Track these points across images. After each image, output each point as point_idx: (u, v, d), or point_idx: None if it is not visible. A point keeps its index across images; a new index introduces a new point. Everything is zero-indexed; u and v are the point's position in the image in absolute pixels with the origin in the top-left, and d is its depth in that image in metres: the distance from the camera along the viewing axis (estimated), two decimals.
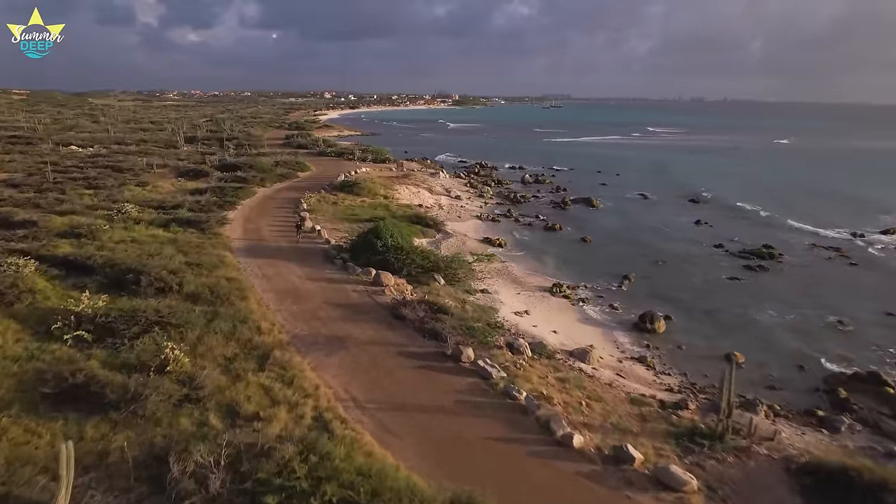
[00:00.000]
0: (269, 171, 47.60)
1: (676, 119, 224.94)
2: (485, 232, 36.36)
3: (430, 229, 33.47)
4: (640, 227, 40.46)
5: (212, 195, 37.92)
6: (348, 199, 38.92)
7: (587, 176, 64.74)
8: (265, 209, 35.62)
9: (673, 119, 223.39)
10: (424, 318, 18.15)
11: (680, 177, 64.59)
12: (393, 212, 36.40)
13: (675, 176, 65.51)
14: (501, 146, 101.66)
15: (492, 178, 60.61)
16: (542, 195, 51.68)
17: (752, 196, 51.41)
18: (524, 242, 34.71)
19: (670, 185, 59.09)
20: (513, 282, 26.60)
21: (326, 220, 33.36)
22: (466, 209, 42.60)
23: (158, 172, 48.81)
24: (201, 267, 22.75)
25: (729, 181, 61.67)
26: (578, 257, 31.86)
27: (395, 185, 44.53)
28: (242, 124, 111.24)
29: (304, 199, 37.81)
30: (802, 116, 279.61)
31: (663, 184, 59.73)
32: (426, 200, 42.56)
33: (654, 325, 21.60)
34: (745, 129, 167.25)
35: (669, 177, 65.00)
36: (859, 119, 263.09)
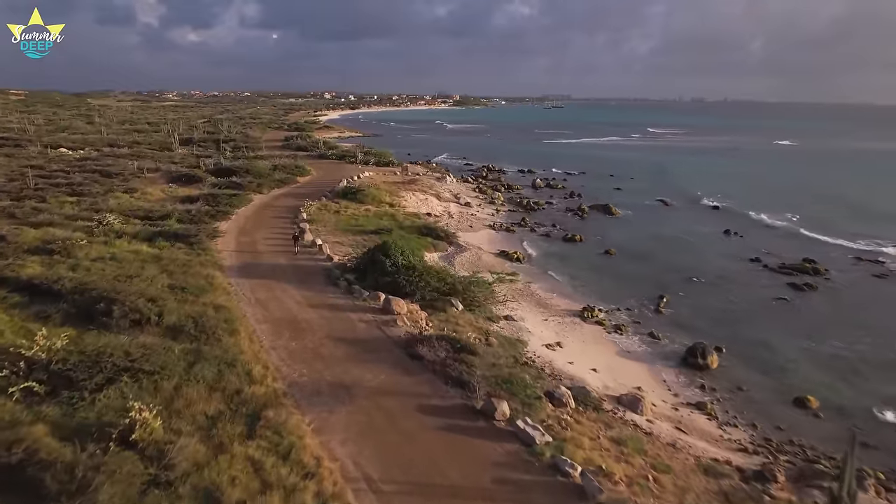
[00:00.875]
0: (267, 176, 44.77)
1: (678, 120, 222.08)
2: (500, 243, 33.54)
3: (441, 242, 30.64)
4: (665, 237, 37.63)
5: (204, 203, 35.09)
6: (351, 208, 36.09)
7: (600, 180, 61.94)
8: (261, 219, 32.79)
9: (674, 120, 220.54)
10: (447, 360, 15.32)
11: (693, 181, 61.84)
12: (400, 222, 33.57)
13: (688, 179, 62.77)
14: (506, 148, 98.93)
15: (501, 182, 57.81)
16: (555, 201, 48.86)
17: (772, 203, 48.57)
18: (544, 256, 31.87)
19: (686, 189, 56.30)
20: (538, 305, 23.78)
21: (328, 232, 30.53)
22: (478, 217, 39.77)
23: (149, 177, 46.01)
24: (186, 291, 19.96)
25: (744, 186, 58.96)
26: (605, 273, 29.04)
27: (401, 191, 41.69)
28: (241, 125, 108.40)
29: (304, 208, 35.00)
30: (804, 117, 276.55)
31: (679, 188, 56.96)
32: (435, 208, 39.71)
33: (707, 361, 18.77)
34: (748, 129, 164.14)
35: (682, 180, 62.21)
36: (861, 119, 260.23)
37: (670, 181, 61.55)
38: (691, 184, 59.28)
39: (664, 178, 63.61)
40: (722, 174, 68.48)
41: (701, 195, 52.71)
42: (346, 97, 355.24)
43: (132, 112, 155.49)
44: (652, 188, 56.48)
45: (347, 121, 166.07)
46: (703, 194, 52.90)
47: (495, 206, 44.77)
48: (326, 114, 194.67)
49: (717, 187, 56.57)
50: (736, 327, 22.42)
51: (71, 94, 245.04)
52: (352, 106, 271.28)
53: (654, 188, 56.41)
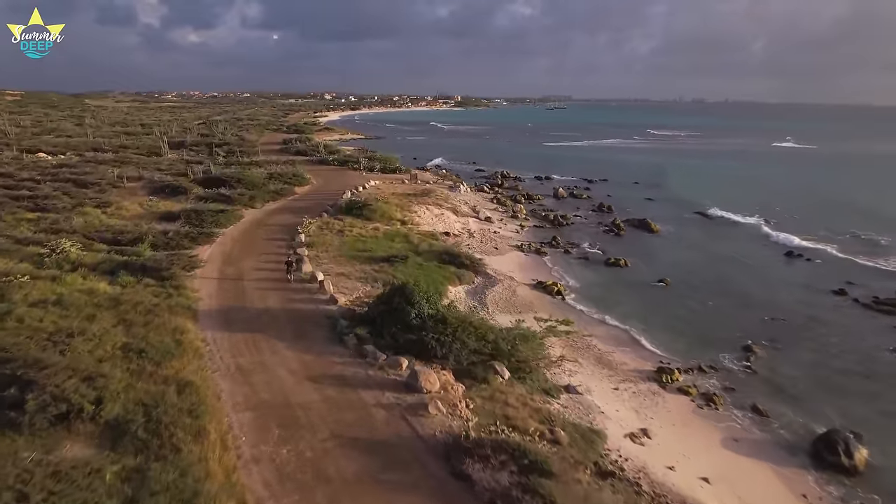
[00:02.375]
0: (261, 187, 39.73)
1: (683, 121, 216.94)
2: (533, 270, 28.51)
3: (466, 271, 25.60)
4: (720, 260, 32.62)
5: (185, 222, 30.03)
6: (357, 226, 31.01)
7: (625, 188, 56.94)
8: (251, 242, 27.74)
9: (680, 121, 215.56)
10: (511, 491, 10.29)
11: (724, 189, 57.04)
12: (415, 245, 28.51)
13: (718, 188, 57.93)
14: (515, 151, 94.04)
15: (519, 191, 52.79)
16: (584, 214, 43.83)
17: (819, 220, 43.50)
18: (587, 287, 26.82)
19: (720, 199, 51.06)
20: (598, 362, 18.73)
21: (330, 259, 25.49)
22: (502, 236, 34.72)
23: (129, 188, 40.97)
24: (144, 356, 14.99)
25: (779, 196, 53.73)
26: (666, 312, 23.99)
27: (414, 205, 36.61)
28: (237, 127, 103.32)
29: (302, 227, 29.94)
30: (809, 118, 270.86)
31: (711, 197, 51.75)
32: (453, 226, 34.66)
33: (853, 460, 13.74)
34: (754, 131, 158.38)
35: (712, 189, 57.18)
36: (863, 120, 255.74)
37: (700, 189, 56.43)
38: (723, 193, 54.24)
39: (692, 186, 58.54)
40: (749, 181, 63.49)
41: (738, 206, 47.55)
42: (347, 98, 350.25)
43: (127, 113, 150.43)
44: (683, 197, 51.49)
45: (348, 122, 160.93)
46: (741, 206, 47.76)
47: (518, 220, 39.72)
48: (326, 115, 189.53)
49: (751, 197, 51.75)
50: (861, 396, 17.39)
51: (69, 95, 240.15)
52: (352, 107, 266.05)
53: (686, 197, 51.41)
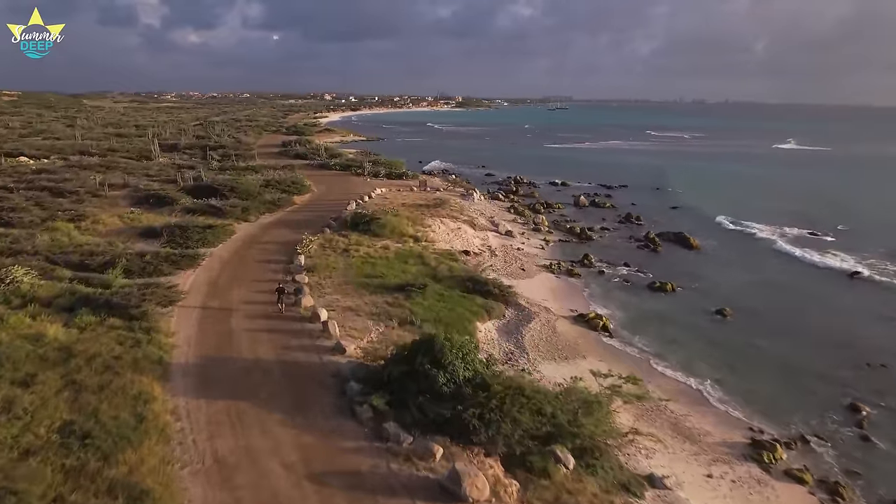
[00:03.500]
0: (256, 197, 35.86)
1: (686, 122, 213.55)
2: (568, 297, 24.67)
3: (495, 302, 21.77)
4: (779, 284, 28.70)
5: (167, 240, 26.18)
6: (365, 245, 27.14)
7: (646, 194, 53.12)
8: (243, 266, 23.89)
9: (682, 122, 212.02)
10: None
11: (752, 197, 53.68)
12: (433, 268, 24.66)
13: (745, 195, 54.46)
14: (524, 154, 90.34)
15: (536, 198, 48.95)
16: (610, 225, 39.98)
17: (867, 230, 39.82)
18: (635, 320, 22.96)
19: (753, 208, 47.35)
20: (674, 430, 14.88)
21: (335, 288, 21.64)
22: (526, 253, 30.86)
23: (111, 197, 37.09)
24: (89, 446, 11.15)
25: (814, 204, 49.95)
26: (736, 355, 20.11)
27: (427, 218, 32.71)
28: (235, 129, 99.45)
29: (302, 246, 26.07)
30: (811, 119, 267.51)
31: (743, 206, 48.05)
32: (471, 242, 30.76)
33: None
34: (762, 132, 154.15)
35: (740, 196, 53.64)
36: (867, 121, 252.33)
37: (726, 197, 52.66)
38: (752, 201, 50.66)
39: (716, 193, 54.77)
40: (775, 188, 59.79)
41: (774, 217, 43.59)
42: (347, 98, 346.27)
43: (123, 114, 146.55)
44: (711, 206, 47.54)
45: (349, 123, 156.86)
46: (777, 216, 43.85)
47: (542, 233, 35.86)
48: (327, 115, 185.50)
49: (786, 206, 48.25)
50: None
51: (68, 95, 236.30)
52: (352, 107, 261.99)
53: (714, 206, 47.42)
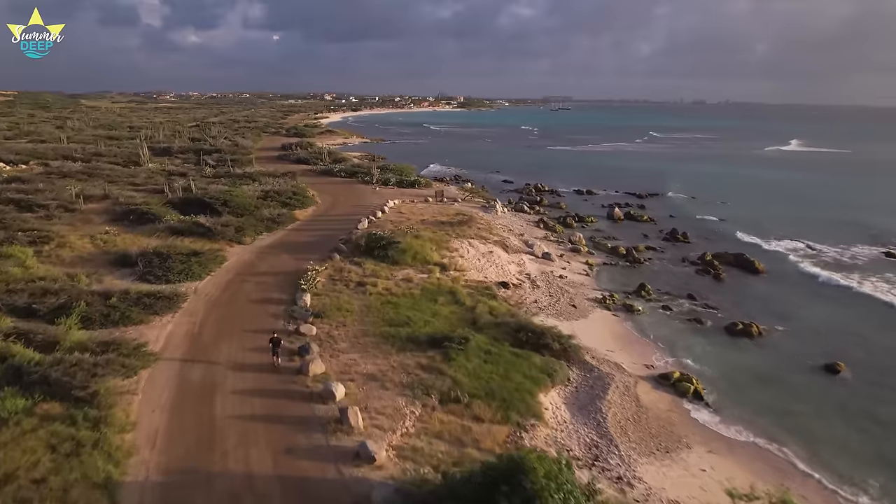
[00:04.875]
0: (253, 212, 31.18)
1: (695, 123, 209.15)
2: (637, 346, 19.95)
3: (556, 361, 17.04)
4: (872, 320, 23.96)
5: (144, 272, 21.46)
6: (383, 275, 22.42)
7: (681, 204, 48.44)
8: (234, 308, 19.15)
9: (691, 123, 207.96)
10: None
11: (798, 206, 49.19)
12: (469, 307, 19.92)
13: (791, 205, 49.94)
14: (536, 158, 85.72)
15: (562, 209, 44.31)
16: (655, 243, 35.16)
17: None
18: (730, 378, 18.18)
19: (806, 222, 42.70)
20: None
21: (351, 342, 16.92)
22: (572, 282, 26.09)
23: (87, 211, 32.39)
24: None
25: (868, 214, 45.25)
26: (879, 439, 15.40)
27: (452, 239, 27.93)
28: (233, 130, 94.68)
29: (307, 279, 21.37)
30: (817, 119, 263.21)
31: (795, 220, 43.40)
32: (507, 269, 25.98)
33: None
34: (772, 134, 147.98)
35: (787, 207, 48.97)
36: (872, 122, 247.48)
37: (773, 207, 48.04)
38: (801, 212, 46.07)
39: (761, 202, 50.16)
40: (814, 195, 54.96)
41: (836, 232, 38.96)
42: (347, 99, 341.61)
43: (119, 114, 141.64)
44: (761, 219, 42.67)
45: (350, 124, 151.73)
46: (837, 230, 39.27)
47: (582, 255, 31.12)
48: (328, 116, 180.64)
49: (839, 216, 43.70)
50: None
51: (66, 96, 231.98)
52: (353, 108, 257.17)
53: (764, 219, 42.61)
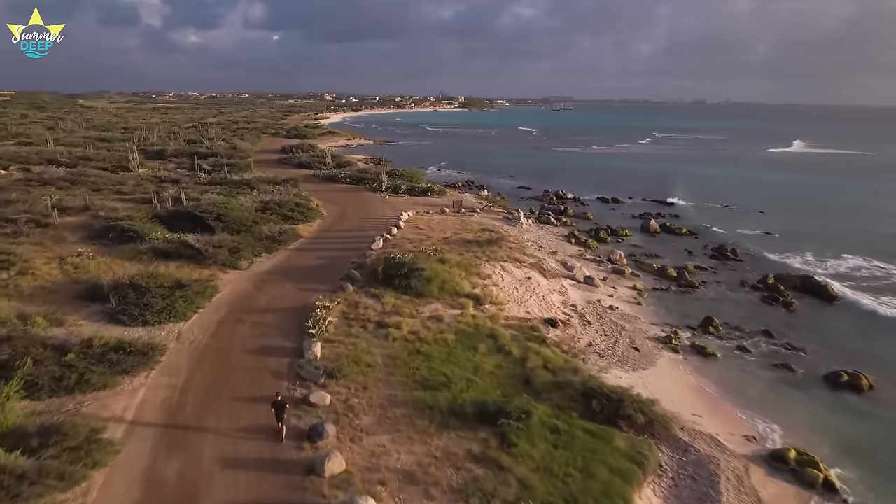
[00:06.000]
0: (250, 229, 27.31)
1: (694, 123, 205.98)
2: (722, 406, 16.11)
3: (644, 441, 13.19)
4: None
5: (117, 310, 17.59)
6: (407, 311, 18.57)
7: (720, 215, 44.61)
8: (225, 363, 15.27)
9: (690, 123, 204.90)
10: None
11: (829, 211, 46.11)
12: (518, 358, 16.06)
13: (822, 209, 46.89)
14: (549, 160, 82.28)
15: (590, 219, 40.55)
16: (703, 261, 31.30)
17: None
18: (855, 457, 14.42)
19: (848, 230, 39.26)
20: None
21: (377, 415, 13.07)
22: (624, 314, 22.24)
23: (61, 226, 28.44)
24: None
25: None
26: None
27: (482, 262, 24.06)
28: (231, 131, 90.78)
29: (315, 319, 17.51)
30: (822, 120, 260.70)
31: (833, 227, 40.08)
32: (550, 301, 22.08)
33: None
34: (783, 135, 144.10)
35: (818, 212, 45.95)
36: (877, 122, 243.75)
37: (812, 216, 44.34)
38: (845, 221, 42.44)
39: (797, 211, 46.38)
40: (865, 202, 51.27)
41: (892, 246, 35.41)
42: (347, 99, 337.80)
43: (116, 115, 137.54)
44: (804, 231, 39.05)
45: (348, 125, 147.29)
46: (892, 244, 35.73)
47: (626, 277, 27.25)
48: (328, 116, 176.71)
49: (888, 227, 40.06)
50: None
51: (64, 95, 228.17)
52: (353, 108, 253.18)
53: (808, 231, 38.98)
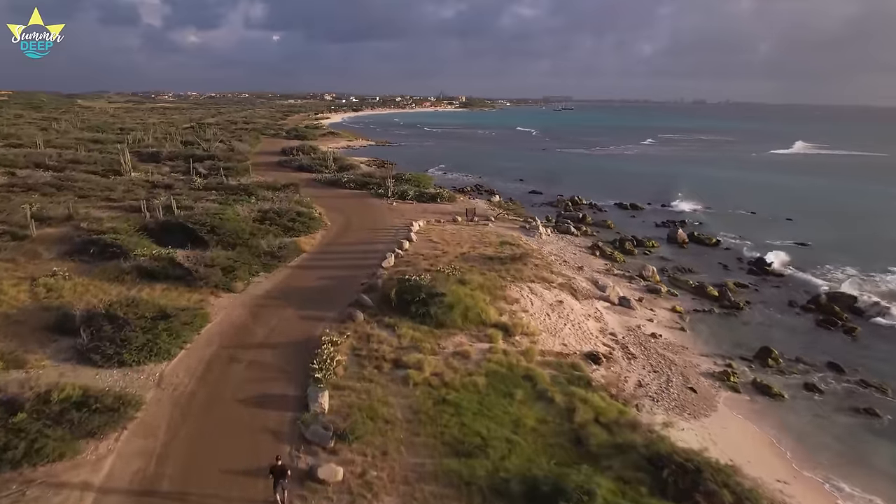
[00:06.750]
0: (247, 242, 24.70)
1: (697, 123, 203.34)
2: (819, 474, 13.51)
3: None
4: None
5: (89, 347, 14.99)
6: (427, 346, 15.97)
7: (739, 221, 42.16)
8: (214, 414, 12.63)
9: (694, 123, 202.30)
10: None
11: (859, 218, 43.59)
12: (563, 408, 13.50)
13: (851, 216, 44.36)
14: (556, 162, 79.75)
15: (611, 227, 38.00)
16: (741, 276, 28.72)
17: None
18: None
19: (886, 239, 36.78)
20: None
21: (398, 493, 10.49)
22: (669, 343, 19.64)
23: (38, 239, 25.86)
24: None
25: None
26: None
27: (507, 282, 21.44)
28: (229, 132, 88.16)
29: (321, 358, 14.92)
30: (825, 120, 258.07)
31: (867, 237, 37.64)
32: (586, 328, 19.45)
33: None
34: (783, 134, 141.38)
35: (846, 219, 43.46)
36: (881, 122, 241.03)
37: (840, 224, 41.85)
38: (880, 228, 40.03)
39: (824, 218, 43.80)
40: (870, 207, 48.84)
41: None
42: (347, 99, 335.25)
43: (113, 115, 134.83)
44: (837, 240, 36.61)
45: (346, 125, 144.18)
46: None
47: (662, 297, 24.67)
48: (329, 117, 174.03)
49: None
50: None
51: (63, 95, 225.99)
52: (354, 108, 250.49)
53: (841, 240, 36.53)
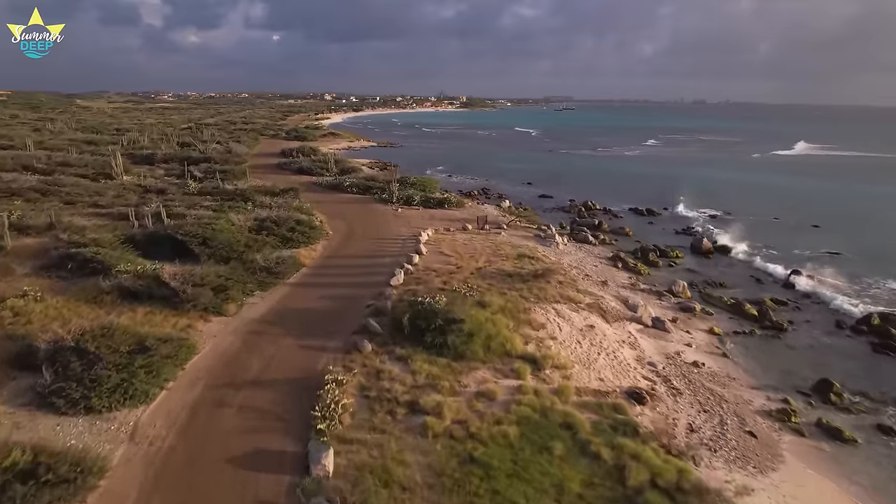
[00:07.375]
0: (242, 256, 22.49)
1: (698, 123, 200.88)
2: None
3: None
4: None
5: (51, 387, 12.82)
6: (446, 385, 13.78)
7: (762, 227, 39.96)
8: (196, 481, 10.42)
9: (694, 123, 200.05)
10: None
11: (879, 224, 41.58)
12: (613, 465, 11.38)
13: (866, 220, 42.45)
14: (561, 163, 77.70)
15: (630, 236, 35.88)
16: (776, 291, 26.58)
17: None
18: None
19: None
20: None
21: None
22: (715, 374, 17.44)
23: (13, 251, 23.55)
24: None
25: None
26: None
27: (530, 304, 19.28)
28: (228, 133, 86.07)
29: (324, 402, 12.73)
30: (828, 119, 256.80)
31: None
32: (622, 357, 17.24)
33: None
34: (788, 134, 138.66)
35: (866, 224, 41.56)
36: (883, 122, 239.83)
37: (870, 230, 39.82)
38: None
39: (848, 223, 41.75)
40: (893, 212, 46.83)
41: None
42: (348, 98, 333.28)
43: (111, 115, 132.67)
44: (876, 249, 34.37)
45: (345, 125, 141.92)
46: None
47: (696, 316, 22.48)
48: (329, 117, 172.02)
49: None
50: None
51: (63, 95, 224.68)
52: (354, 108, 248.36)
53: (880, 250, 34.34)
